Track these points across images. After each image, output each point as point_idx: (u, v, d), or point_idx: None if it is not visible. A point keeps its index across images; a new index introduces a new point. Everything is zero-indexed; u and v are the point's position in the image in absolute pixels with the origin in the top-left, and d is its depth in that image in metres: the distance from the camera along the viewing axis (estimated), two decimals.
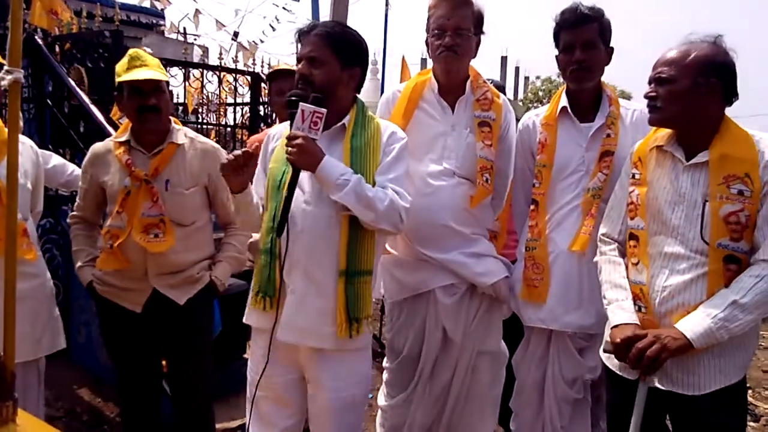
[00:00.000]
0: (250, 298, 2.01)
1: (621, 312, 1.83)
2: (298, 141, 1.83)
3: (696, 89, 1.74)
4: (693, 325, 1.67)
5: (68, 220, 2.57)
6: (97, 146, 2.48)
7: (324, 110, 1.84)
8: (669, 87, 1.78)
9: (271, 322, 1.92)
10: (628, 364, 1.77)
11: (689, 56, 1.76)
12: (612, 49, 2.24)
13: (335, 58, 1.93)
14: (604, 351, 1.90)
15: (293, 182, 1.87)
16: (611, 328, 1.84)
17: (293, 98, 1.88)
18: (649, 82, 1.84)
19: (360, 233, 1.92)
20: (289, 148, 1.84)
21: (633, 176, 1.92)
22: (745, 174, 1.70)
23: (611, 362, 1.90)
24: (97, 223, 2.53)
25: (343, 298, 1.89)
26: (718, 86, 1.75)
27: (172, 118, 2.46)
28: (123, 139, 2.39)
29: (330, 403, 1.95)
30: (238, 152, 1.88)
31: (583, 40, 2.18)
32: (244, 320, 2.05)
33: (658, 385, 1.77)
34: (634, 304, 1.84)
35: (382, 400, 2.53)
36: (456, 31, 2.22)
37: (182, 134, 2.42)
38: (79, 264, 2.48)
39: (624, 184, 1.97)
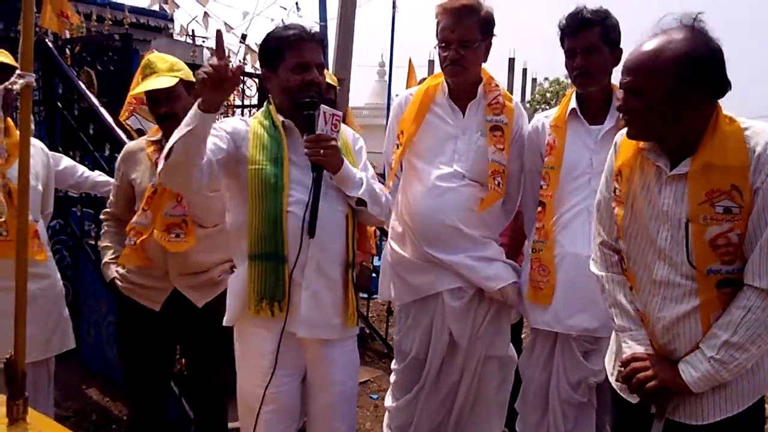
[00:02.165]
0: (247, 309, 1.89)
1: (635, 345, 1.64)
2: (332, 143, 1.86)
3: (674, 98, 1.45)
4: (692, 368, 1.51)
5: (101, 217, 2.61)
6: (131, 144, 2.55)
7: (341, 113, 1.91)
8: (640, 101, 1.48)
9: (278, 326, 1.89)
10: (628, 389, 1.64)
11: (660, 58, 1.45)
12: (620, 50, 2.21)
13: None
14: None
15: (318, 183, 1.88)
16: (622, 360, 1.67)
17: (307, 100, 1.90)
18: (620, 87, 1.55)
19: (356, 226, 2.04)
20: (321, 150, 1.85)
21: (614, 191, 1.67)
22: (731, 187, 1.43)
23: (616, 384, 1.76)
24: (128, 221, 2.54)
25: (351, 288, 1.98)
26: (701, 90, 1.45)
27: None
28: (155, 138, 2.43)
29: (336, 396, 1.99)
30: (215, 63, 1.66)
31: (583, 46, 2.16)
32: (231, 325, 1.98)
33: None
34: None
35: (389, 401, 2.54)
36: (460, 43, 2.22)
37: None
38: (104, 260, 2.51)
39: (609, 184, 1.72)
